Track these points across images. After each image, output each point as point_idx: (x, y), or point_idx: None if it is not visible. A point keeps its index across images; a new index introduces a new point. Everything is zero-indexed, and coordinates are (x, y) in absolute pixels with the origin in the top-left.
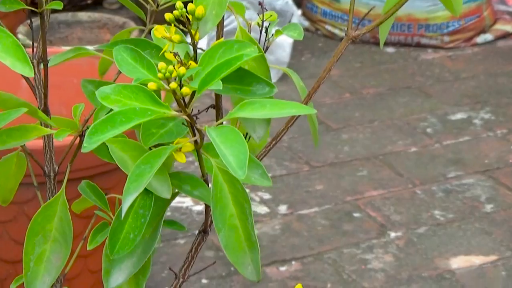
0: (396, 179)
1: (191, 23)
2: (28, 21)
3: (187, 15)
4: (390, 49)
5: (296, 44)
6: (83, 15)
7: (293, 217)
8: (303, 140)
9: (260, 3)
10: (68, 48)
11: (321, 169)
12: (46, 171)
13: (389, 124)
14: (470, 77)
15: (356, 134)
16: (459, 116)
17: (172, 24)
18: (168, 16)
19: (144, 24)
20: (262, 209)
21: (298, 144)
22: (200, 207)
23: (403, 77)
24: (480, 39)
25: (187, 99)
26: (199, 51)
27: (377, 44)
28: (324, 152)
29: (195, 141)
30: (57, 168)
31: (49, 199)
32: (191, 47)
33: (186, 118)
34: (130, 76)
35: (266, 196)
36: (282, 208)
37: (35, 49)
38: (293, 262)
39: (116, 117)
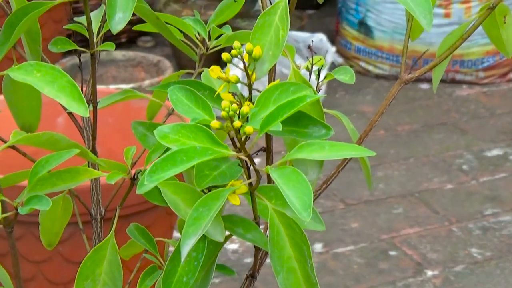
0: (432, 217)
1: (248, 63)
2: (63, 60)
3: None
4: (425, 86)
5: (330, 81)
6: (117, 54)
7: (329, 255)
8: (338, 177)
9: (309, 47)
10: (104, 87)
11: (356, 207)
12: (93, 214)
13: (424, 161)
14: (506, 113)
15: (391, 171)
16: (495, 152)
17: (228, 65)
18: (225, 55)
19: (178, 62)
20: None
21: (333, 181)
22: (235, 246)
23: (438, 114)
24: None
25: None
26: (254, 92)
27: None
28: (359, 189)
29: (250, 183)
30: (103, 211)
31: (95, 242)
32: (239, 88)
33: (245, 158)
34: (186, 116)
35: None
36: (318, 247)
37: (83, 90)
38: None
39: (177, 156)
